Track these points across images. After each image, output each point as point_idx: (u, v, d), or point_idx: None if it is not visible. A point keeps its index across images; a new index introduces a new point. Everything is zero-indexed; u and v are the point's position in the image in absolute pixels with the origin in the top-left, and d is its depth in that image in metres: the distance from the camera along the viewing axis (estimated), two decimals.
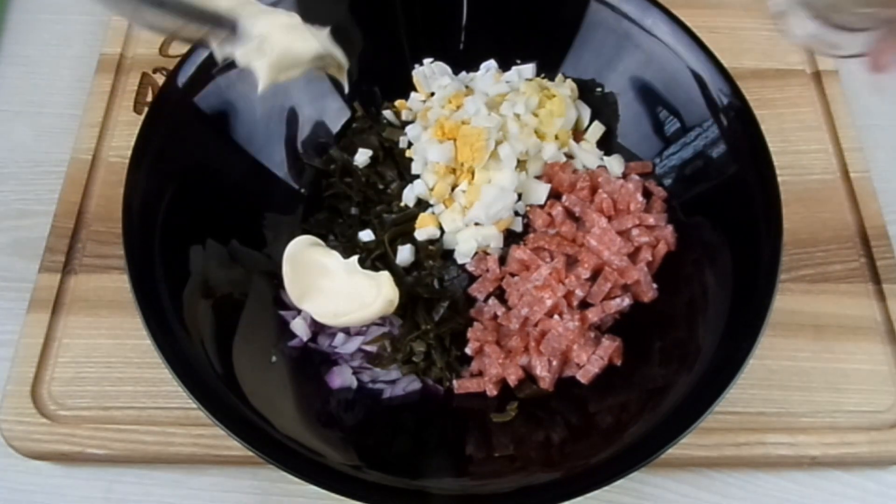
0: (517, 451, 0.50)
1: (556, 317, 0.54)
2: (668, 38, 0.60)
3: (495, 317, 0.56)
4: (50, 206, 0.62)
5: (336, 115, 0.64)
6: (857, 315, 0.59)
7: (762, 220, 0.52)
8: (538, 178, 0.61)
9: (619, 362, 0.54)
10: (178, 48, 0.71)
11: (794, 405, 0.55)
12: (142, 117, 0.57)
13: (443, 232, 0.59)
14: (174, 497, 0.53)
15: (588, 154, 0.62)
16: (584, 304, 0.55)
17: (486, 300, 0.57)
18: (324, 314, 0.53)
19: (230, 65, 0.50)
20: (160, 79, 0.69)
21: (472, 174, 0.59)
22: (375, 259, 0.58)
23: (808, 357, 0.57)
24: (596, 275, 0.56)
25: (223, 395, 0.47)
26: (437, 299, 0.56)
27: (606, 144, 0.64)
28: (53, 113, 0.70)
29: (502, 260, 0.58)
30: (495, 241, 0.58)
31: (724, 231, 0.55)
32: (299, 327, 0.55)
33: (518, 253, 0.57)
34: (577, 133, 0.64)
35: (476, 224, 0.58)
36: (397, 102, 0.65)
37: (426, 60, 0.66)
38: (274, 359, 0.53)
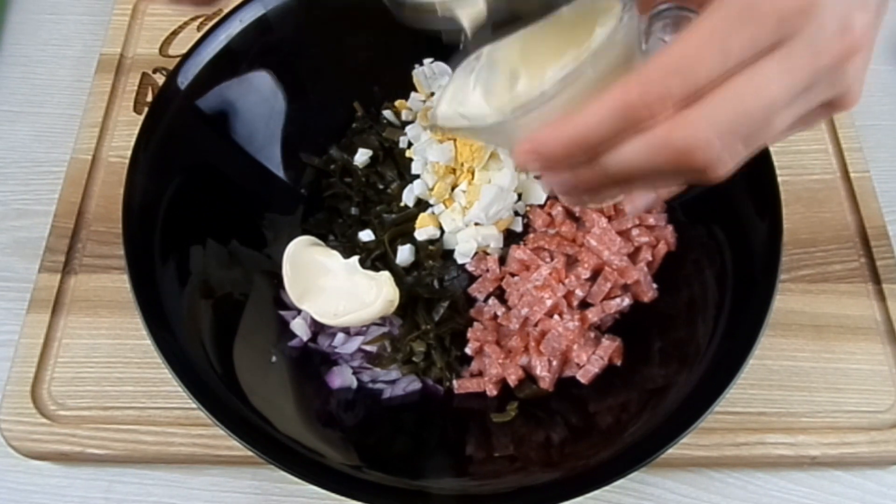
0: (517, 451, 0.50)
1: (556, 317, 0.54)
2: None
3: (495, 317, 0.56)
4: (50, 206, 0.62)
5: (336, 115, 0.64)
6: (857, 315, 0.59)
7: (762, 220, 0.52)
8: (538, 177, 0.61)
9: (619, 362, 0.54)
10: (178, 48, 0.71)
11: (794, 405, 0.55)
12: (142, 117, 0.57)
13: (443, 232, 0.59)
14: (174, 497, 0.53)
15: None
16: (584, 304, 0.55)
17: (486, 300, 0.57)
18: (324, 314, 0.53)
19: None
20: (160, 79, 0.69)
21: (472, 174, 0.59)
22: (375, 259, 0.58)
23: (808, 357, 0.57)
24: (596, 275, 0.56)
25: (223, 395, 0.47)
26: (437, 299, 0.56)
27: None
28: (53, 113, 0.70)
29: (502, 260, 0.58)
30: (495, 241, 0.58)
31: (724, 231, 0.54)
32: (299, 327, 0.55)
33: (518, 253, 0.57)
34: None
35: (476, 224, 0.58)
36: (397, 102, 0.65)
37: (426, 60, 0.66)
38: (274, 359, 0.53)
